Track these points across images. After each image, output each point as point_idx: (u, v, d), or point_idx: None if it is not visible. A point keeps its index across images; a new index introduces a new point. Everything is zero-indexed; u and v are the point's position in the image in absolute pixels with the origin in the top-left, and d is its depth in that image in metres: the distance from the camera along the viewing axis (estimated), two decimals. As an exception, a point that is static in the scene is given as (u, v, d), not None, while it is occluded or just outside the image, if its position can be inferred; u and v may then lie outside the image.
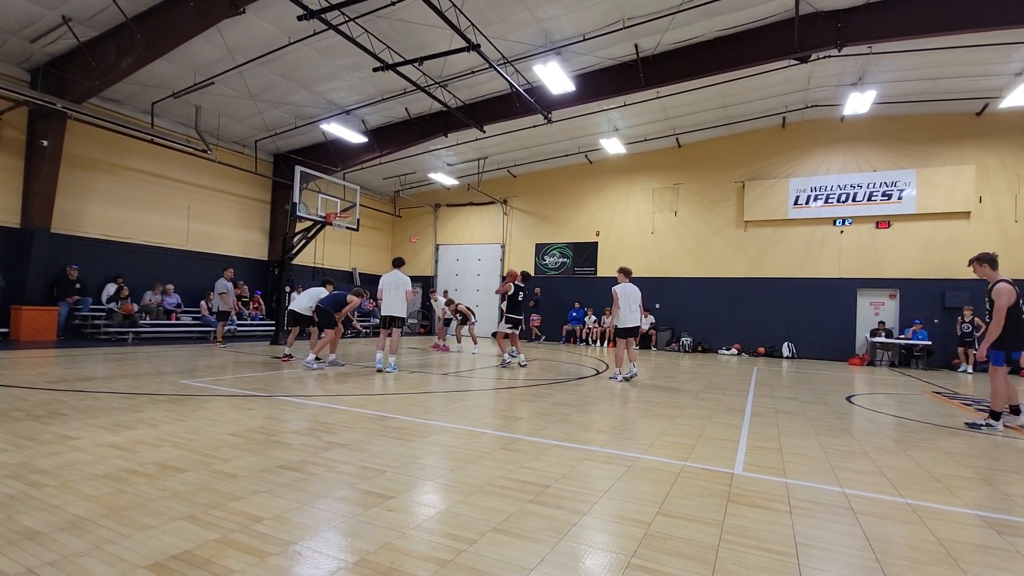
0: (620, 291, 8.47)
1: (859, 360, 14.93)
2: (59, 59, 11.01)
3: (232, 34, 10.39)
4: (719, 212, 17.38)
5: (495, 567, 2.09)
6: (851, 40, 10.40)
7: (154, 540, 2.20)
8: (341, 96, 13.76)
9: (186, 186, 14.88)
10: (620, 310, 8.43)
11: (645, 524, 2.61)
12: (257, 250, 17.18)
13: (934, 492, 3.35)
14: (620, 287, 8.52)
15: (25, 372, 6.85)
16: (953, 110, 14.49)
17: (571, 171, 19.66)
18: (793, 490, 3.26)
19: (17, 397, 5.14)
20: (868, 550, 2.42)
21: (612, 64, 12.28)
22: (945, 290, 14.54)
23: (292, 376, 7.61)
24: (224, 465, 3.27)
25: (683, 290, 17.58)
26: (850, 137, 15.77)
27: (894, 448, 4.57)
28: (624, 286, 8.55)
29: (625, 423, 5.15)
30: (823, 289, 15.90)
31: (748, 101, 14.79)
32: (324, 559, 2.11)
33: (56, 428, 4.00)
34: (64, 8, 9.58)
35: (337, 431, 4.31)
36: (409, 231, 23.21)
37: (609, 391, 7.35)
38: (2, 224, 11.31)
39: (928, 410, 6.89)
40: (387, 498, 2.82)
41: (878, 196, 15.39)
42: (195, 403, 5.23)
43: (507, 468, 3.46)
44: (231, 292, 12.68)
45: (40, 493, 2.67)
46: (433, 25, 9.90)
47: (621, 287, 8.52)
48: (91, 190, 12.81)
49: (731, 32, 11.25)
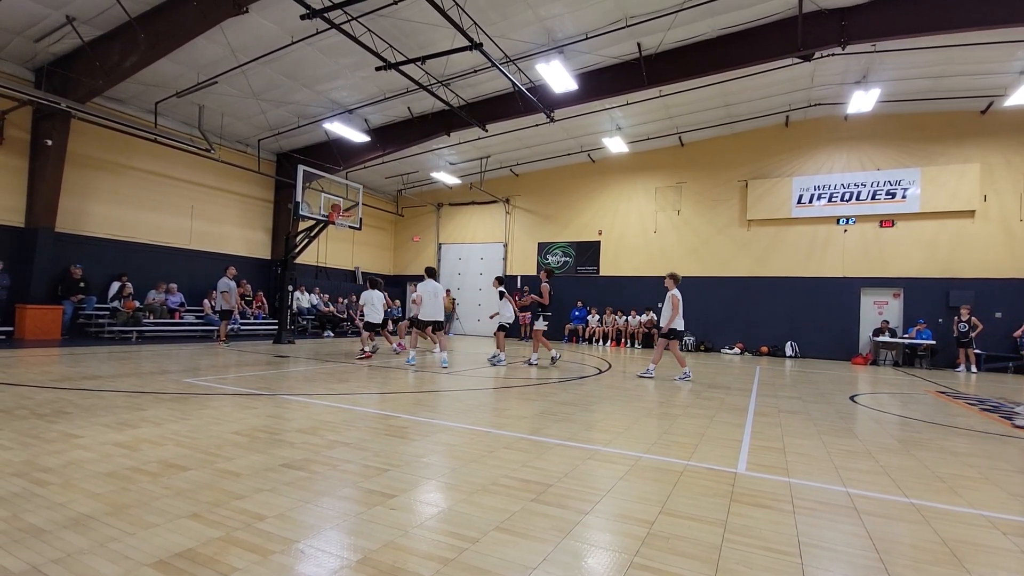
0: (679, 297, 8.93)
1: (862, 360, 14.89)
2: (63, 59, 11.06)
3: (235, 33, 10.40)
4: (722, 211, 17.34)
5: (498, 566, 2.09)
6: (855, 38, 10.36)
7: (158, 538, 2.20)
8: (344, 95, 13.77)
9: (189, 185, 14.92)
10: (679, 315, 8.88)
11: (648, 523, 2.60)
12: (260, 249, 17.22)
13: (939, 492, 3.34)
14: (678, 292, 8.96)
15: (30, 371, 6.88)
16: (957, 108, 14.42)
17: (574, 170, 19.64)
18: (797, 490, 3.25)
19: (22, 395, 5.17)
20: (872, 550, 2.42)
21: (615, 63, 12.26)
22: (949, 289, 14.48)
23: (297, 375, 7.63)
24: (227, 463, 3.28)
25: (685, 289, 17.30)
26: (854, 136, 15.71)
27: (898, 448, 4.55)
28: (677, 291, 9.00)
29: (627, 422, 5.14)
30: (826, 288, 15.85)
31: (751, 100, 14.75)
32: (327, 557, 2.12)
33: (61, 426, 4.01)
34: (68, 8, 9.61)
35: (340, 430, 4.32)
36: (411, 230, 23.23)
37: (610, 388, 7.34)
38: (7, 223, 11.36)
39: (932, 410, 6.87)
40: (390, 497, 2.82)
41: (882, 195, 15.33)
42: (198, 402, 5.24)
43: (510, 467, 3.46)
44: (233, 291, 12.72)
45: (45, 491, 2.68)
46: (436, 24, 9.90)
47: (678, 292, 8.96)
48: (95, 189, 12.86)
49: (734, 30, 11.22)
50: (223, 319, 12.55)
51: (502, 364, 10.05)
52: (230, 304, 12.58)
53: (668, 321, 8.85)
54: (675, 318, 8.80)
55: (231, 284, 12.58)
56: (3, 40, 10.37)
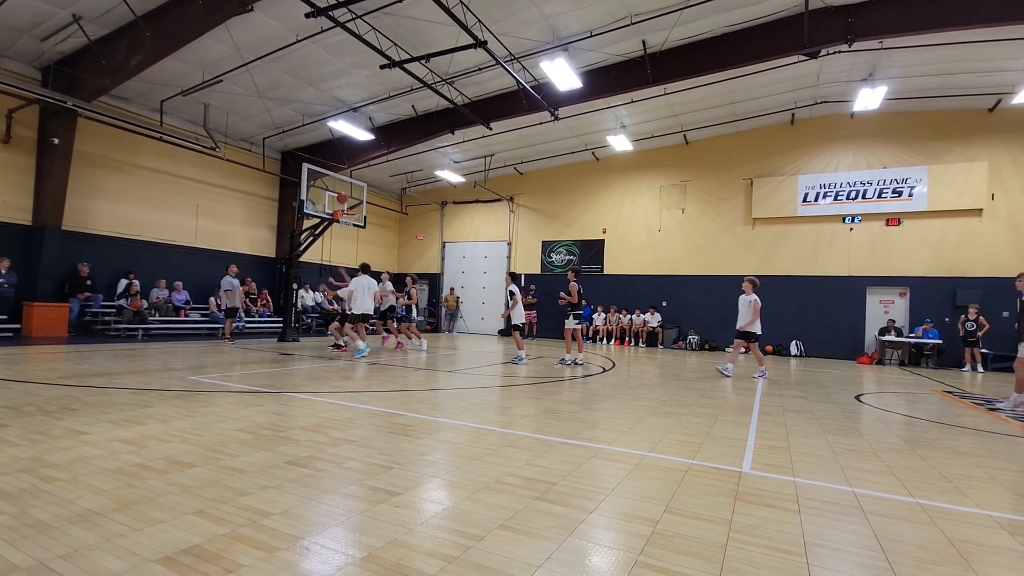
0: (760, 302, 9.40)
1: (868, 359, 14.82)
2: (69, 57, 11.11)
3: (240, 32, 10.42)
4: (727, 209, 17.28)
5: (502, 564, 2.09)
6: (861, 35, 10.29)
7: (164, 534, 2.21)
8: (348, 93, 13.79)
9: (195, 184, 14.98)
10: (758, 319, 9.39)
11: (652, 522, 2.60)
12: (265, 247, 17.28)
13: (945, 492, 3.31)
14: (757, 297, 9.40)
15: (37, 368, 6.92)
16: (965, 106, 14.31)
17: (578, 168, 19.61)
18: (802, 489, 3.23)
19: (29, 392, 5.20)
20: (878, 550, 2.40)
21: (619, 60, 12.23)
22: (956, 288, 14.39)
23: (301, 373, 7.65)
24: (232, 461, 3.29)
25: (690, 288, 17.50)
26: (860, 133, 15.61)
27: (904, 447, 4.53)
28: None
29: (631, 421, 5.13)
30: (832, 287, 15.77)
31: (756, 97, 14.68)
32: (332, 554, 2.12)
33: (67, 423, 4.04)
34: (75, 6, 9.65)
35: (344, 427, 4.33)
36: (415, 228, 23.25)
37: (614, 387, 7.33)
38: (14, 221, 11.44)
39: (939, 409, 6.82)
40: (394, 494, 2.82)
41: (888, 193, 15.24)
42: (203, 399, 5.27)
43: (513, 465, 3.46)
44: (237, 289, 12.77)
45: (52, 487, 2.70)
46: (440, 22, 9.89)
47: (757, 297, 9.40)
48: (101, 187, 12.93)
49: (740, 28, 11.16)
50: (228, 317, 12.61)
51: (525, 363, 10.06)
52: (234, 302, 12.64)
53: (747, 323, 9.38)
54: (754, 322, 9.36)
55: (235, 282, 12.63)
56: (10, 39, 10.43)
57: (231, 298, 12.50)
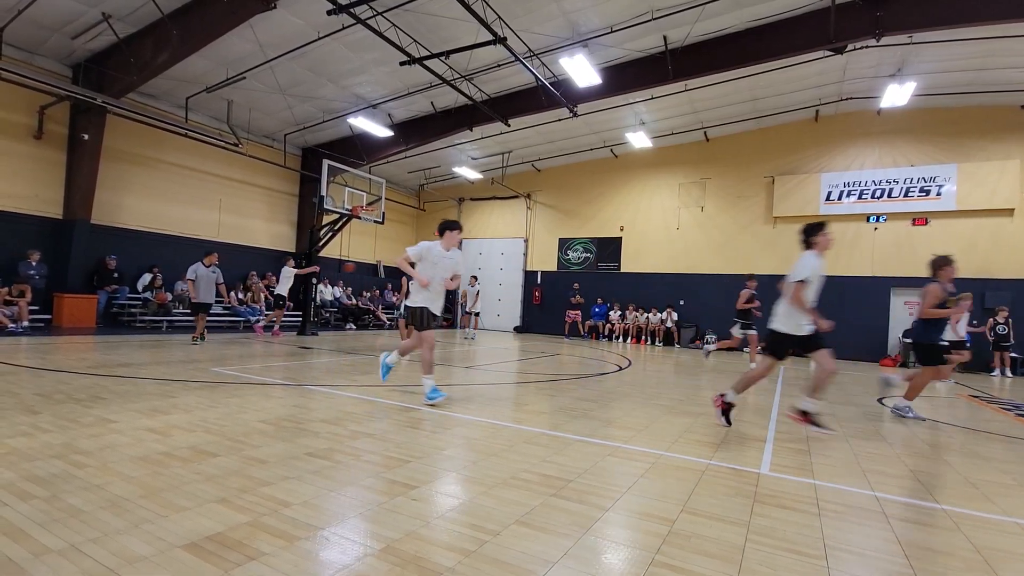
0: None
1: (892, 361, 14.49)
2: (99, 55, 11.38)
3: (263, 29, 10.56)
4: (747, 207, 17.02)
5: (519, 559, 2.10)
6: (890, 30, 10.01)
7: (189, 521, 2.27)
8: (368, 90, 13.89)
9: (218, 179, 15.24)
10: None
11: (669, 521, 2.59)
12: (285, 242, 17.51)
13: (971, 499, 3.24)
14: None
15: (67, 357, 7.14)
16: (997, 103, 13.86)
17: (596, 165, 19.48)
18: (822, 492, 3.19)
19: (60, 381, 5.37)
20: (901, 555, 2.36)
21: (639, 56, 12.10)
22: (985, 290, 13.97)
23: (320, 367, 7.76)
24: (254, 451, 3.36)
25: (708, 287, 17.28)
26: (886, 130, 15.22)
27: (929, 452, 4.43)
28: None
29: (648, 420, 5.11)
30: (855, 288, 15.44)
31: (780, 94, 14.41)
32: (351, 545, 2.16)
33: (97, 411, 4.16)
34: (104, 5, 9.87)
35: (363, 421, 4.39)
36: (433, 225, 23.11)
37: (627, 385, 7.29)
38: (46, 215, 11.77)
39: (965, 414, 6.66)
40: (412, 488, 2.86)
41: (915, 192, 14.85)
42: (226, 390, 5.37)
43: (530, 462, 3.47)
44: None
45: (82, 473, 2.79)
46: (459, 19, 9.90)
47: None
48: (129, 183, 13.23)
49: (763, 23, 10.95)
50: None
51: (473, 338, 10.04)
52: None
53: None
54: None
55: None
56: (42, 37, 10.72)
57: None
